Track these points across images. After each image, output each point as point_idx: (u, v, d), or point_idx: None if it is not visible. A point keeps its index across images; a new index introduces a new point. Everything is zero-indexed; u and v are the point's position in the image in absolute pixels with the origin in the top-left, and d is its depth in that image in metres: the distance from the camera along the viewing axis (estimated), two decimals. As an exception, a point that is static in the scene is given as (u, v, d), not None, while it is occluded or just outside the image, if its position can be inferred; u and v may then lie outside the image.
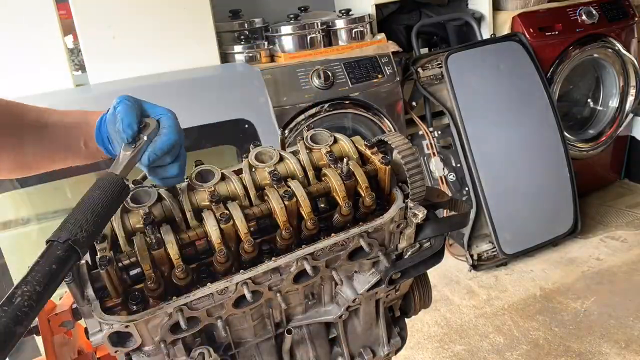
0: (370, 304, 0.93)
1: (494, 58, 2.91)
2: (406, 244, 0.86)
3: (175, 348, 0.77)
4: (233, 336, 0.85)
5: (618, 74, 3.30)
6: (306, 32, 2.73)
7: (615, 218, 3.27)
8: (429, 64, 2.92)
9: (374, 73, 2.72)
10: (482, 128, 2.84)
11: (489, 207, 2.80)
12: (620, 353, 2.20)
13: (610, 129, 3.39)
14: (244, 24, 2.81)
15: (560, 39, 3.07)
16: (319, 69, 2.62)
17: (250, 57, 2.68)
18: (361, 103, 2.72)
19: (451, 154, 2.94)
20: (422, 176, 0.83)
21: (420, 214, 0.80)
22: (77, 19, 2.32)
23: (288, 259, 0.76)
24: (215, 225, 0.73)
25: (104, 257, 0.68)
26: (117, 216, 0.75)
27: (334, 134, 0.89)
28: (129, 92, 0.88)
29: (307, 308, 0.90)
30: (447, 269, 2.93)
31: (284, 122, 2.54)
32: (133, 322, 0.68)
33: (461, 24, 3.16)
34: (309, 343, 0.94)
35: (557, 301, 2.58)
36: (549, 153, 2.95)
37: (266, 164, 0.83)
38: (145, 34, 2.43)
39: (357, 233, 0.79)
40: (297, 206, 0.78)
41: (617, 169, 3.66)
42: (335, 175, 0.81)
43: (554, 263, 2.89)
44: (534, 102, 2.94)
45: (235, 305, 0.76)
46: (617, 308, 2.47)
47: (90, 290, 0.69)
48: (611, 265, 2.81)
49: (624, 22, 3.23)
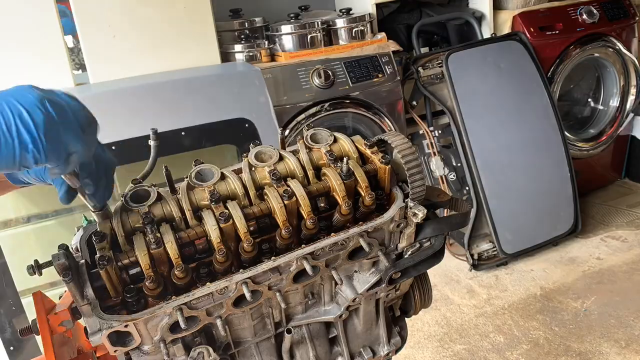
0: (370, 304, 0.93)
1: (494, 57, 2.91)
2: (406, 244, 0.86)
3: (175, 347, 0.77)
4: (233, 335, 0.85)
5: (619, 73, 3.30)
6: (306, 32, 2.73)
7: (616, 217, 3.27)
8: (430, 63, 2.92)
9: (374, 72, 2.72)
10: (482, 127, 2.84)
11: (490, 206, 2.80)
12: (621, 352, 2.20)
13: (611, 129, 3.39)
14: (244, 23, 2.81)
15: (561, 38, 3.07)
16: (320, 68, 2.62)
17: (250, 57, 2.68)
18: (361, 102, 2.72)
19: (451, 153, 2.94)
20: (422, 176, 0.83)
21: (421, 213, 0.80)
22: (77, 18, 2.32)
23: (288, 259, 0.75)
24: (215, 225, 0.73)
25: (104, 257, 0.68)
26: (116, 215, 0.75)
27: (334, 133, 0.89)
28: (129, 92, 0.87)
29: (307, 307, 0.90)
30: (448, 268, 2.93)
31: (284, 121, 2.54)
32: (132, 321, 0.68)
33: (462, 23, 3.15)
34: (309, 343, 0.94)
35: (557, 301, 2.57)
36: (550, 152, 2.95)
37: (266, 163, 0.83)
38: (146, 33, 2.43)
39: (357, 232, 0.79)
40: (296, 205, 0.78)
41: (618, 169, 3.66)
42: (335, 174, 0.80)
43: (554, 262, 2.89)
44: (534, 101, 2.93)
45: (235, 305, 0.76)
46: (618, 307, 2.47)
47: (89, 290, 0.69)
48: (611, 265, 2.81)
49: (624, 22, 3.23)
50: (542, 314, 2.49)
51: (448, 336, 2.43)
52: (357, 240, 0.80)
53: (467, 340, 2.39)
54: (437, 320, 2.54)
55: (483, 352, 2.30)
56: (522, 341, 2.34)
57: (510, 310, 2.54)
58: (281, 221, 0.77)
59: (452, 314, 2.57)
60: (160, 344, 0.74)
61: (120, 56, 2.40)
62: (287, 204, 0.76)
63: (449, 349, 2.35)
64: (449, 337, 2.42)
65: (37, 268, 0.75)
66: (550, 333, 2.36)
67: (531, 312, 2.52)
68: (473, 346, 2.35)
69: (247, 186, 0.81)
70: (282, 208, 0.76)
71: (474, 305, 2.62)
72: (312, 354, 0.94)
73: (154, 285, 0.70)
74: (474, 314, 2.55)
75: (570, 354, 2.23)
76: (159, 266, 0.72)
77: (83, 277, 0.70)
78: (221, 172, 0.82)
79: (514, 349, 2.29)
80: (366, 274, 0.87)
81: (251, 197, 0.81)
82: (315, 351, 0.94)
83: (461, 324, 2.50)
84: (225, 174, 0.82)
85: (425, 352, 2.35)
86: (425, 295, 1.02)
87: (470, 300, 2.66)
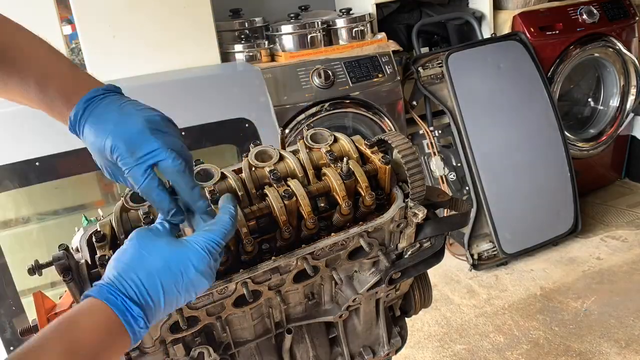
0: (371, 304, 0.93)
1: (494, 57, 2.91)
2: (406, 244, 0.86)
3: (175, 347, 0.77)
4: (233, 335, 0.85)
5: (619, 73, 3.29)
6: (307, 31, 2.73)
7: (616, 217, 3.26)
8: (430, 63, 2.91)
9: (374, 72, 2.72)
10: (482, 127, 2.84)
11: (490, 206, 2.80)
12: (621, 352, 2.20)
13: (611, 129, 3.39)
14: (244, 23, 2.81)
15: (561, 38, 3.07)
16: (320, 68, 2.62)
17: (250, 56, 2.68)
18: (361, 102, 2.72)
19: (451, 153, 2.94)
20: (422, 175, 0.83)
21: (421, 213, 0.80)
22: (77, 18, 2.32)
23: (288, 259, 0.75)
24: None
25: (104, 256, 0.68)
26: (116, 215, 0.75)
27: (334, 133, 0.89)
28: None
29: (307, 307, 0.90)
30: (448, 268, 2.93)
31: (284, 121, 2.54)
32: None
33: (462, 23, 3.15)
34: (309, 342, 0.94)
35: (557, 300, 2.57)
36: (550, 152, 2.95)
37: (266, 163, 0.83)
38: (146, 33, 2.43)
39: (357, 232, 0.79)
40: (297, 205, 0.78)
41: (618, 169, 3.65)
42: (335, 174, 0.80)
43: (554, 262, 2.88)
44: (534, 101, 2.93)
45: (235, 305, 0.76)
46: (618, 307, 2.46)
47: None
48: (611, 265, 2.81)
49: (624, 22, 3.22)
50: (542, 314, 2.49)
51: (448, 336, 2.43)
52: (357, 240, 0.80)
53: (467, 340, 2.39)
54: (437, 320, 2.54)
55: (483, 352, 2.30)
56: (522, 341, 2.34)
57: (510, 310, 2.54)
58: (281, 221, 0.77)
59: (452, 314, 2.57)
60: (161, 344, 0.74)
61: (120, 56, 2.40)
62: (287, 204, 0.76)
63: (449, 349, 2.35)
64: (449, 337, 2.42)
65: (37, 268, 0.75)
66: (550, 333, 2.36)
67: (531, 312, 2.52)
68: (473, 346, 2.35)
69: (247, 186, 0.81)
70: (282, 208, 0.76)
71: (474, 305, 2.62)
72: (312, 354, 0.94)
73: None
74: (474, 314, 2.55)
75: (570, 354, 2.23)
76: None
77: (83, 277, 0.70)
78: (221, 172, 0.82)
79: (514, 349, 2.29)
80: (366, 274, 0.87)
81: (251, 197, 0.81)
82: (315, 351, 0.94)
83: (461, 324, 2.50)
84: (226, 174, 0.82)
85: (425, 352, 2.35)
86: (425, 295, 1.02)
87: (470, 300, 2.66)
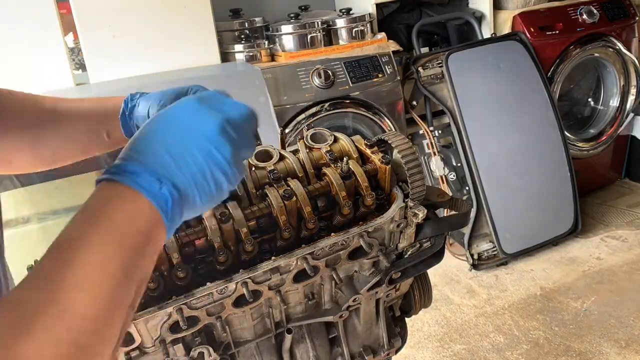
0: (370, 304, 0.93)
1: (494, 57, 2.91)
2: (406, 244, 0.86)
3: (175, 347, 0.77)
4: (233, 335, 0.85)
5: (619, 73, 3.29)
6: (307, 31, 2.73)
7: (616, 217, 3.27)
8: (430, 63, 2.92)
9: (374, 72, 2.72)
10: (482, 127, 2.84)
11: (490, 206, 2.80)
12: (621, 352, 2.20)
13: (611, 129, 3.39)
14: (244, 23, 2.81)
15: (561, 38, 3.07)
16: (320, 68, 2.62)
17: (250, 57, 2.68)
18: (361, 102, 2.72)
19: (451, 153, 2.94)
20: (422, 175, 0.83)
21: (421, 213, 0.80)
22: (77, 18, 2.32)
23: (288, 259, 0.75)
24: (215, 225, 0.73)
25: (104, 257, 0.68)
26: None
27: (334, 133, 0.89)
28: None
29: (307, 307, 0.90)
30: (448, 268, 2.93)
31: (284, 121, 2.54)
32: (132, 321, 0.68)
33: (462, 23, 3.15)
34: (309, 342, 0.94)
35: (557, 301, 2.57)
36: (550, 152, 2.95)
37: (266, 163, 0.83)
38: (146, 33, 2.43)
39: (357, 233, 0.79)
40: (296, 205, 0.78)
41: (618, 169, 3.65)
42: (335, 174, 0.80)
43: (554, 262, 2.89)
44: (534, 101, 2.93)
45: (235, 305, 0.76)
46: (618, 307, 2.47)
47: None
48: (612, 265, 2.81)
49: (624, 22, 3.22)
50: (542, 313, 2.49)
51: (448, 336, 2.43)
52: (357, 241, 0.80)
53: (467, 340, 2.39)
54: (437, 320, 2.54)
55: (483, 352, 2.30)
56: (522, 341, 2.34)
57: (510, 310, 2.54)
58: (281, 221, 0.77)
59: (452, 314, 2.57)
60: (160, 344, 0.74)
61: (121, 56, 2.40)
62: (287, 204, 0.76)
63: (449, 349, 2.35)
64: (449, 337, 2.42)
65: (37, 268, 0.75)
66: (550, 333, 2.36)
67: (531, 312, 2.52)
68: (473, 346, 2.35)
69: (247, 186, 0.81)
70: (282, 208, 0.76)
71: (474, 305, 2.62)
72: (312, 354, 0.94)
73: (154, 285, 0.70)
74: (474, 314, 2.55)
75: (570, 354, 2.23)
76: (159, 266, 0.72)
77: (83, 277, 0.70)
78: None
79: (514, 349, 2.29)
80: (366, 274, 0.87)
81: (251, 197, 0.81)
82: (315, 351, 0.94)
83: (461, 324, 2.50)
84: (226, 174, 0.82)
85: (425, 352, 2.35)
86: (425, 295, 1.01)
87: (470, 300, 2.66)
